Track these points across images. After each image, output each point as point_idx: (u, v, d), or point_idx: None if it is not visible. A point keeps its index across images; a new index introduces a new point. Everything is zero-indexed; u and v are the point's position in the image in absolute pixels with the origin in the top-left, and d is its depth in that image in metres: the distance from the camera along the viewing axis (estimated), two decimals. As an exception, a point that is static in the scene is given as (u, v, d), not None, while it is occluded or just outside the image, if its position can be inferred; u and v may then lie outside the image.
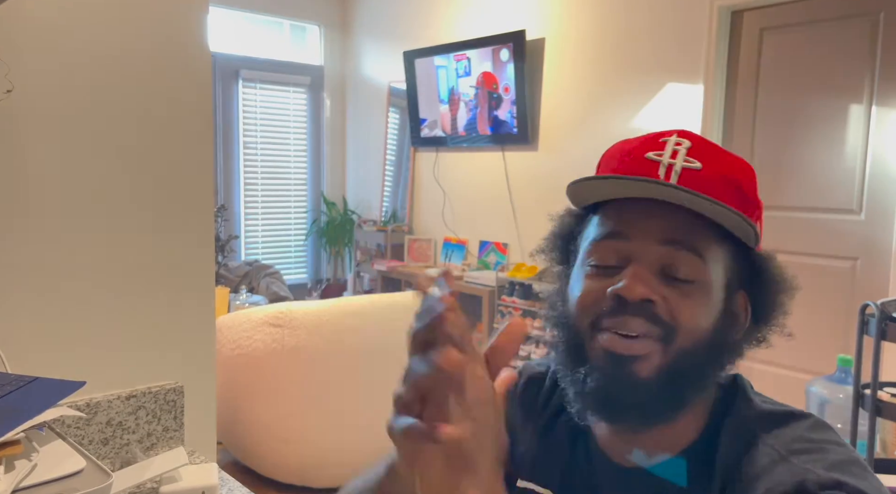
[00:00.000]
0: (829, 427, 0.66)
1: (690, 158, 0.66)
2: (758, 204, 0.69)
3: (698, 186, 0.64)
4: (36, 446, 0.80)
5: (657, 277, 0.65)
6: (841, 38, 3.15)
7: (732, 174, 0.67)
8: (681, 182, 0.65)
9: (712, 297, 0.66)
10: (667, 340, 0.64)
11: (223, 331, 2.78)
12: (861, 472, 0.60)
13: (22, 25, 1.03)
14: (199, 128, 1.21)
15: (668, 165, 0.66)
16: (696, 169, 0.66)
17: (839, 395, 2.43)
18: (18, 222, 1.05)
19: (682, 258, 0.64)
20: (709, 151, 0.68)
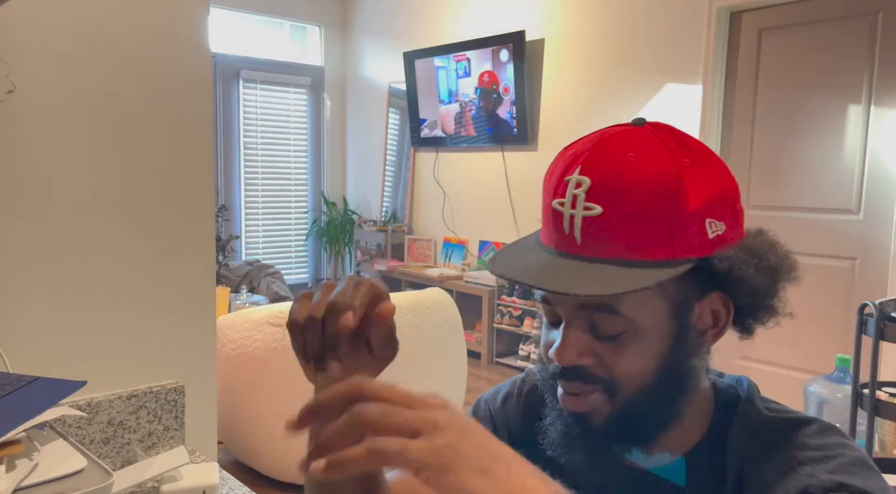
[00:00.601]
0: (834, 430, 0.65)
1: (590, 204, 0.62)
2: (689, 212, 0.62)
3: (603, 235, 0.62)
4: (37, 445, 0.80)
5: (589, 334, 0.65)
6: (840, 39, 3.16)
7: (640, 205, 0.61)
8: (584, 233, 0.63)
9: (650, 338, 0.64)
10: (610, 393, 0.65)
11: (224, 331, 2.78)
12: (865, 472, 0.60)
13: (22, 26, 1.04)
14: (199, 128, 1.22)
15: (570, 217, 0.63)
16: (597, 216, 0.62)
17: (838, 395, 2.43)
18: (19, 222, 1.06)
19: (600, 318, 0.64)
20: (610, 185, 0.62)
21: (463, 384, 3.10)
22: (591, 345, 0.65)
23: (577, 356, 0.65)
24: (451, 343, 3.00)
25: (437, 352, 2.92)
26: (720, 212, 0.64)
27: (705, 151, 0.66)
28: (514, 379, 0.87)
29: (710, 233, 0.63)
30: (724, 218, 0.64)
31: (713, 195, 0.63)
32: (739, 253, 0.64)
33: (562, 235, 0.65)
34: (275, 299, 4.46)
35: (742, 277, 0.63)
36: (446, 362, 2.99)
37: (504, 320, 4.47)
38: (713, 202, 0.63)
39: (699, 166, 0.64)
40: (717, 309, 0.67)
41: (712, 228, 0.63)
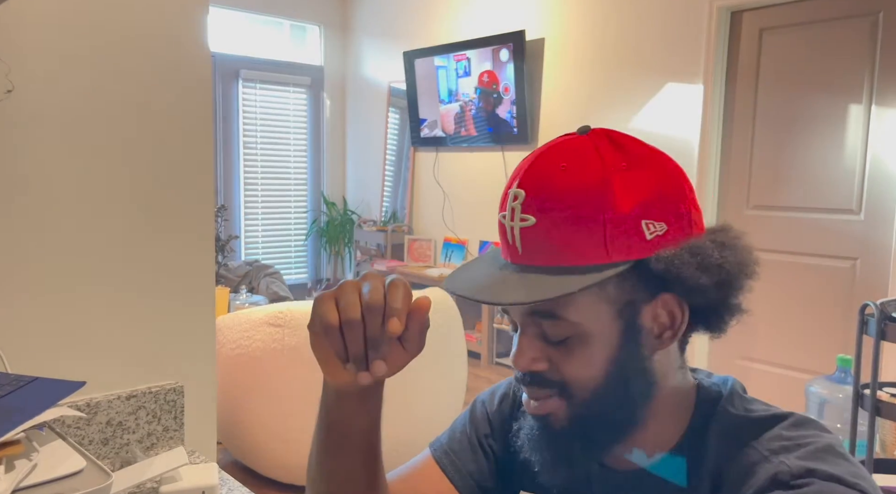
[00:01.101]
0: (810, 422, 0.66)
1: (525, 216, 0.65)
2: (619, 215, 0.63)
3: (539, 243, 0.64)
4: (36, 446, 0.80)
5: (540, 339, 0.67)
6: (840, 38, 3.15)
7: (568, 212, 0.63)
8: (524, 243, 0.65)
9: (597, 341, 0.65)
10: (566, 396, 0.67)
11: (223, 331, 2.78)
12: (835, 459, 0.60)
13: (22, 25, 1.03)
14: (199, 128, 1.21)
15: (510, 229, 0.66)
16: (531, 226, 0.65)
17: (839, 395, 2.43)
18: (18, 222, 1.05)
19: (545, 324, 0.66)
20: (540, 196, 0.64)
21: (463, 384, 3.10)
22: (544, 351, 0.67)
23: (530, 362, 0.67)
24: (451, 343, 3.00)
25: (437, 352, 2.91)
26: (659, 213, 0.64)
27: (648, 154, 0.67)
28: (510, 380, 0.87)
29: (649, 235, 0.63)
30: (664, 218, 0.64)
31: (649, 197, 0.64)
32: (679, 253, 0.63)
33: (507, 247, 0.68)
34: (274, 299, 4.46)
35: (681, 276, 0.63)
36: (446, 362, 2.99)
37: (504, 320, 4.47)
38: (649, 203, 0.64)
39: (636, 169, 0.64)
40: (671, 309, 0.67)
41: (650, 229, 0.64)
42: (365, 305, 0.59)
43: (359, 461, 0.73)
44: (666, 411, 0.69)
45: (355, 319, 0.59)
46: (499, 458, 0.83)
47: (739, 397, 0.70)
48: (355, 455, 0.72)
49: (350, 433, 0.71)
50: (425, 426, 1.37)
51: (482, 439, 0.84)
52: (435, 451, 0.84)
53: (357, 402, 0.69)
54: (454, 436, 0.85)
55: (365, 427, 0.71)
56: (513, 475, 0.82)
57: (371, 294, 0.59)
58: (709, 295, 0.64)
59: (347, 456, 0.72)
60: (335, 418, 0.71)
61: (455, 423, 0.87)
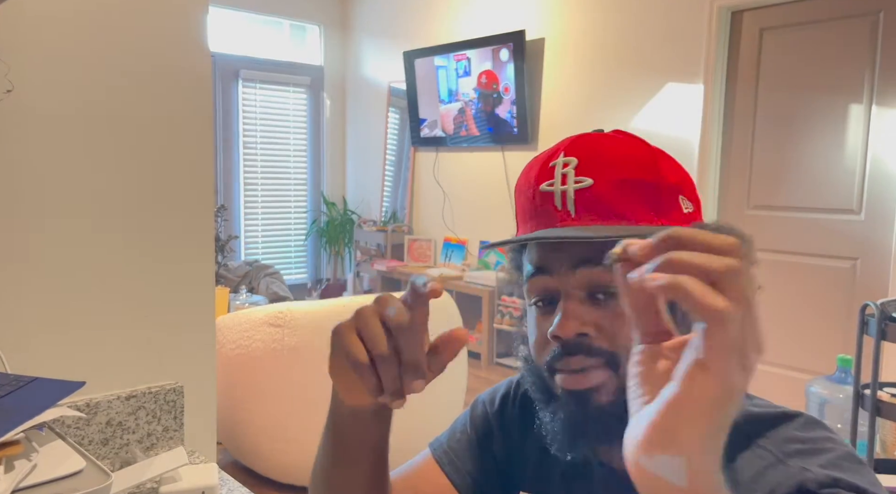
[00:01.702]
0: (820, 424, 0.66)
1: (580, 178, 0.66)
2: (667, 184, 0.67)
3: (599, 203, 0.65)
4: (36, 446, 0.80)
5: (587, 304, 0.65)
6: (841, 38, 3.15)
7: (625, 173, 0.66)
8: (578, 205, 0.65)
9: None
10: (613, 366, 0.65)
11: (223, 331, 2.78)
12: (856, 467, 0.60)
13: (22, 25, 1.03)
14: (199, 128, 1.21)
15: (562, 193, 0.66)
16: (589, 186, 0.65)
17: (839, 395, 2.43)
18: (18, 222, 1.05)
19: (598, 275, 0.64)
20: (597, 160, 0.67)
21: (463, 384, 3.10)
22: (591, 316, 0.65)
23: (579, 325, 0.65)
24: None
25: (438, 352, 2.91)
26: (689, 193, 0.69)
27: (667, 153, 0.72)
28: (510, 380, 0.87)
29: (684, 209, 0.67)
30: (692, 199, 0.69)
31: (683, 176, 0.69)
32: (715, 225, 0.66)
33: (554, 214, 0.67)
34: (274, 299, 4.46)
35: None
36: (446, 362, 2.98)
37: (504, 320, 4.47)
38: (684, 181, 0.69)
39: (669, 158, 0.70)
40: None
41: (685, 205, 0.68)
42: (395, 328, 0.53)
43: (369, 472, 0.71)
44: None
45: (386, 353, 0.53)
46: (499, 458, 0.83)
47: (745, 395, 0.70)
48: (365, 467, 0.71)
49: (362, 447, 0.69)
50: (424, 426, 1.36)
51: (482, 439, 0.83)
52: (435, 451, 0.84)
53: (372, 419, 0.66)
54: (454, 436, 0.85)
55: (377, 441, 0.69)
56: (513, 475, 0.82)
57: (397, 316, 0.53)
58: None
59: (357, 469, 0.71)
60: (348, 434, 0.68)
61: (455, 423, 0.87)
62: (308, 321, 2.67)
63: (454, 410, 2.99)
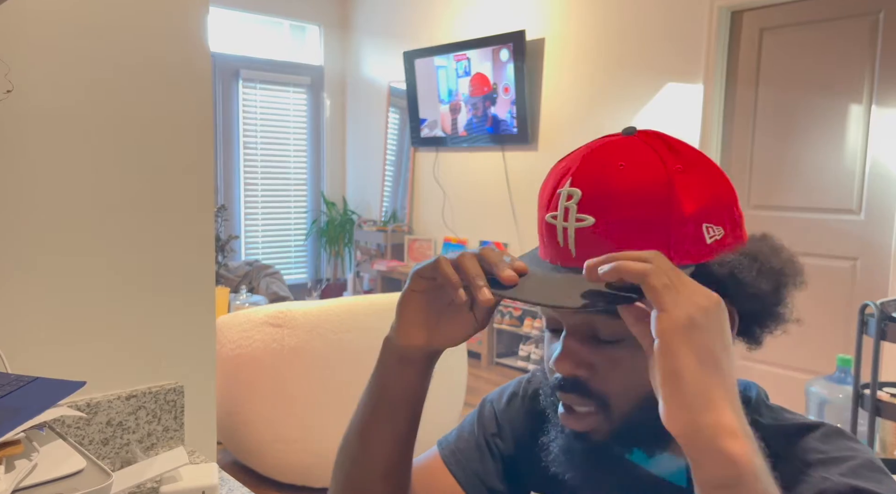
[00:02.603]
0: (841, 433, 0.65)
1: (582, 215, 0.62)
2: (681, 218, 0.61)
3: (597, 246, 0.61)
4: (36, 446, 0.80)
5: (588, 344, 0.64)
6: (841, 38, 3.15)
7: (631, 212, 0.61)
8: (578, 245, 0.63)
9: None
10: (605, 412, 0.65)
11: (223, 331, 2.78)
12: (877, 476, 0.59)
13: (22, 25, 1.03)
14: (198, 127, 1.21)
15: (564, 230, 0.63)
16: (590, 226, 0.62)
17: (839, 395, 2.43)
18: (18, 222, 1.05)
19: (600, 321, 0.63)
20: (601, 195, 0.62)
21: (463, 384, 3.10)
22: (589, 356, 0.65)
23: (574, 366, 0.64)
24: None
25: (437, 352, 2.91)
26: (717, 217, 0.63)
27: (699, 157, 0.65)
28: (520, 380, 0.87)
29: (708, 239, 0.62)
30: (721, 222, 0.63)
31: (708, 200, 0.63)
32: (740, 258, 0.62)
33: (557, 249, 0.65)
34: (274, 299, 4.46)
35: (743, 282, 0.62)
36: (446, 362, 2.97)
37: (504, 320, 4.47)
38: (709, 207, 0.63)
39: (692, 172, 0.63)
40: None
41: (710, 233, 0.63)
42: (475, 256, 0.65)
43: (404, 429, 0.74)
44: None
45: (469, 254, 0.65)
46: (506, 458, 0.83)
47: (766, 406, 0.70)
48: (401, 422, 0.73)
49: (403, 398, 0.72)
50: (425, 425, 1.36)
51: (489, 439, 0.83)
52: (442, 450, 0.85)
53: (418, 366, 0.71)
54: (462, 436, 0.85)
55: (418, 394, 0.72)
56: (521, 475, 0.81)
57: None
58: (763, 302, 0.64)
59: (394, 422, 0.73)
60: (393, 383, 0.72)
61: (463, 423, 0.87)
62: (308, 321, 2.67)
63: (454, 410, 2.99)
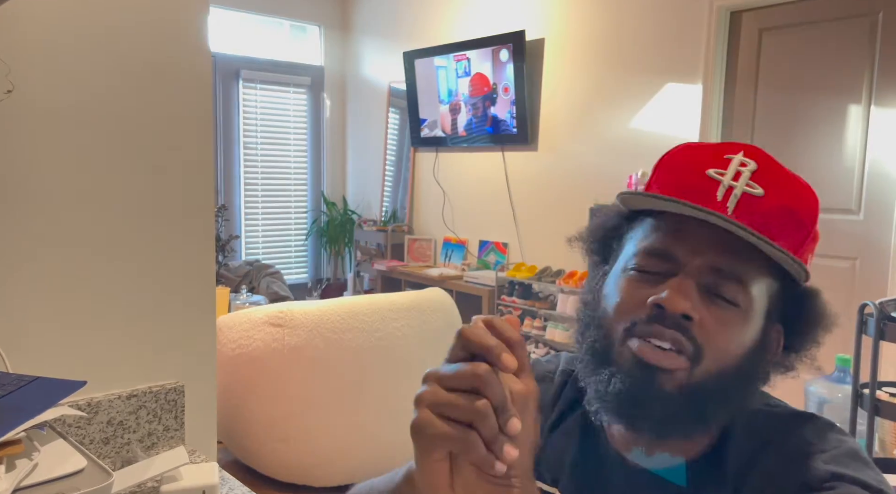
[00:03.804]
0: (832, 426, 0.67)
1: (753, 183, 0.65)
2: (815, 236, 0.68)
3: (757, 215, 0.64)
4: (37, 445, 0.80)
5: (704, 295, 0.64)
6: (840, 39, 3.15)
7: (795, 205, 0.66)
8: (739, 207, 0.64)
9: (750, 325, 0.65)
10: (695, 360, 0.64)
11: (223, 331, 2.78)
12: (861, 464, 0.61)
13: (22, 25, 1.03)
14: (199, 127, 1.22)
15: (729, 188, 0.65)
16: (758, 196, 0.65)
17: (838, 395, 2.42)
18: (18, 222, 1.05)
19: (727, 284, 0.64)
20: (773, 177, 0.66)
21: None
22: (701, 304, 0.64)
23: (690, 306, 0.63)
24: (451, 343, 3.00)
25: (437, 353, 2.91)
26: (813, 251, 0.69)
27: None
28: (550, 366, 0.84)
29: (809, 265, 0.67)
30: (812, 257, 0.70)
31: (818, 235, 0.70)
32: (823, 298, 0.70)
33: (711, 201, 0.65)
34: (274, 299, 4.46)
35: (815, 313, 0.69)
36: (446, 362, 2.98)
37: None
38: (817, 240, 0.70)
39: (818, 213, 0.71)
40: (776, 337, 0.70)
41: (810, 260, 0.69)
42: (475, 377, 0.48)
43: None
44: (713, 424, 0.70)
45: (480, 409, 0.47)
46: None
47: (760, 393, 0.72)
48: None
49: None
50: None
51: None
52: None
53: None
54: None
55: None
56: None
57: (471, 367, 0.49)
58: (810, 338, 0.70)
59: None
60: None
61: None
62: (308, 321, 2.67)
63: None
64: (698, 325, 0.63)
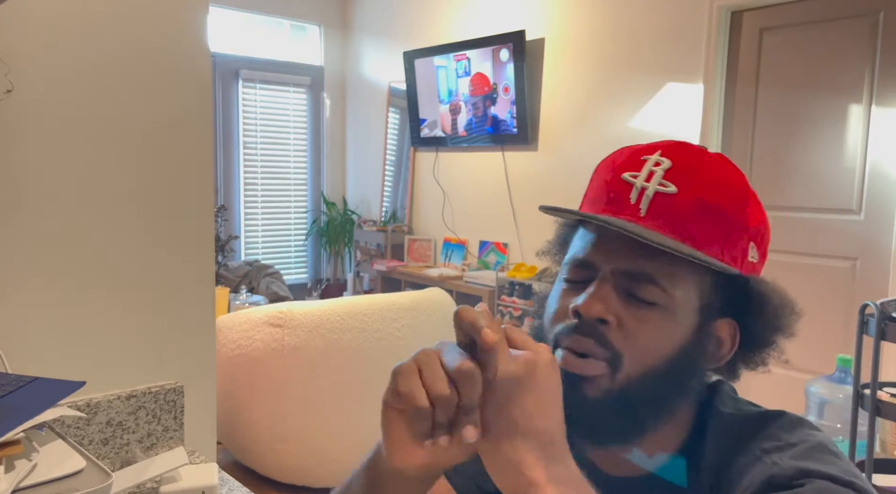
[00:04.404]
0: (801, 421, 0.66)
1: (666, 182, 0.65)
2: (746, 226, 0.66)
3: (671, 214, 0.64)
4: (36, 446, 0.80)
5: (620, 296, 0.64)
6: (841, 38, 3.15)
7: (711, 196, 0.64)
8: (652, 207, 0.64)
9: (677, 323, 0.65)
10: (613, 364, 0.64)
11: (223, 331, 2.78)
12: (828, 457, 0.60)
13: (22, 25, 1.03)
14: (198, 127, 1.21)
15: (641, 189, 0.65)
16: (671, 193, 0.64)
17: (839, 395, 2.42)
18: (18, 222, 1.05)
19: (639, 287, 0.64)
20: (689, 172, 0.65)
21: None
22: (619, 308, 0.64)
23: (603, 310, 0.64)
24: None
25: (437, 352, 2.91)
26: (761, 244, 0.68)
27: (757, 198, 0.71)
28: None
29: (750, 257, 0.66)
30: (761, 250, 0.68)
31: (763, 226, 0.68)
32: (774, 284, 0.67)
33: (623, 205, 0.66)
34: (274, 299, 4.46)
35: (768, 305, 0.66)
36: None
37: (504, 320, 4.47)
38: (761, 232, 0.68)
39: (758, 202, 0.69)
40: (723, 336, 0.68)
41: (751, 253, 0.67)
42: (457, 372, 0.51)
43: None
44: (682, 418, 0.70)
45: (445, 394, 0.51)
46: None
47: (730, 397, 0.71)
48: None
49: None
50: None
51: None
52: None
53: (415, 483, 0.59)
54: None
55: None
56: None
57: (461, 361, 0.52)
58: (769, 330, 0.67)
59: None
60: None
61: None
62: (308, 321, 2.67)
63: (454, 410, 2.98)
64: (616, 328, 0.64)
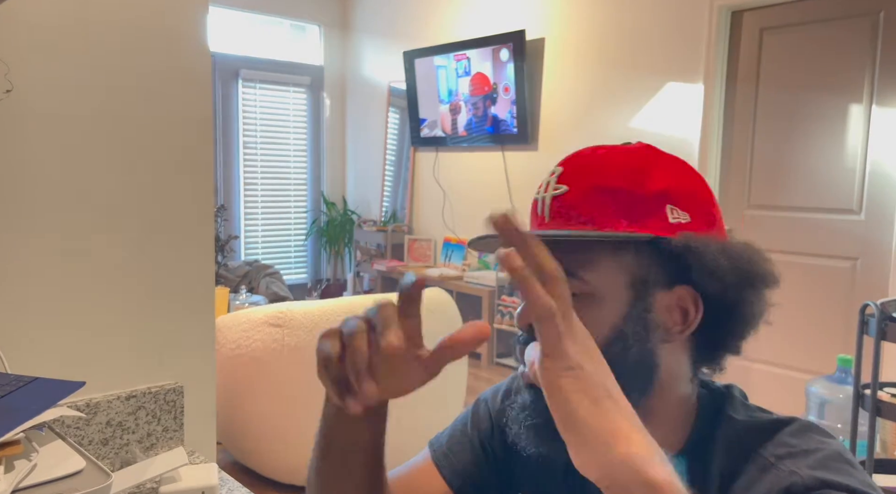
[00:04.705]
0: (813, 427, 0.66)
1: (559, 185, 0.68)
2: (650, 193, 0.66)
3: (566, 210, 0.67)
4: (36, 446, 0.80)
5: None
6: (841, 38, 3.15)
7: (599, 180, 0.67)
8: (552, 212, 0.68)
9: (605, 306, 0.65)
10: None
11: (223, 331, 2.77)
12: (845, 467, 0.60)
13: (22, 25, 1.03)
14: (198, 127, 1.21)
15: (542, 200, 0.70)
16: (563, 193, 0.68)
17: (839, 395, 2.43)
18: (18, 222, 1.05)
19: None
20: (579, 169, 0.69)
21: (463, 384, 3.10)
22: None
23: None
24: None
25: (438, 352, 2.91)
26: (685, 203, 0.67)
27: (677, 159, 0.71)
28: (513, 376, 0.87)
29: (671, 219, 0.66)
30: (688, 209, 0.66)
31: (676, 186, 0.67)
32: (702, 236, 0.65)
33: (535, 220, 0.71)
34: (274, 299, 4.46)
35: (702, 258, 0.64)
36: (446, 362, 2.98)
37: (504, 320, 4.47)
38: (678, 192, 0.67)
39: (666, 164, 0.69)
40: (686, 305, 0.67)
41: (673, 215, 0.66)
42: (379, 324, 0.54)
43: (360, 474, 0.69)
44: (669, 416, 0.69)
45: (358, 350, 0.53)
46: (499, 457, 0.83)
47: (742, 404, 0.70)
48: (356, 468, 0.69)
49: (352, 448, 0.67)
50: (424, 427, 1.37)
51: (483, 438, 0.83)
52: (434, 452, 0.84)
53: (360, 420, 0.64)
54: (454, 436, 0.85)
55: (369, 445, 0.67)
56: (513, 476, 0.81)
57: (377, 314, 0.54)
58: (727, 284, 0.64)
59: (348, 470, 0.68)
60: (336, 434, 0.66)
61: (456, 422, 0.87)
62: (308, 321, 2.67)
63: (454, 411, 2.98)
64: None
